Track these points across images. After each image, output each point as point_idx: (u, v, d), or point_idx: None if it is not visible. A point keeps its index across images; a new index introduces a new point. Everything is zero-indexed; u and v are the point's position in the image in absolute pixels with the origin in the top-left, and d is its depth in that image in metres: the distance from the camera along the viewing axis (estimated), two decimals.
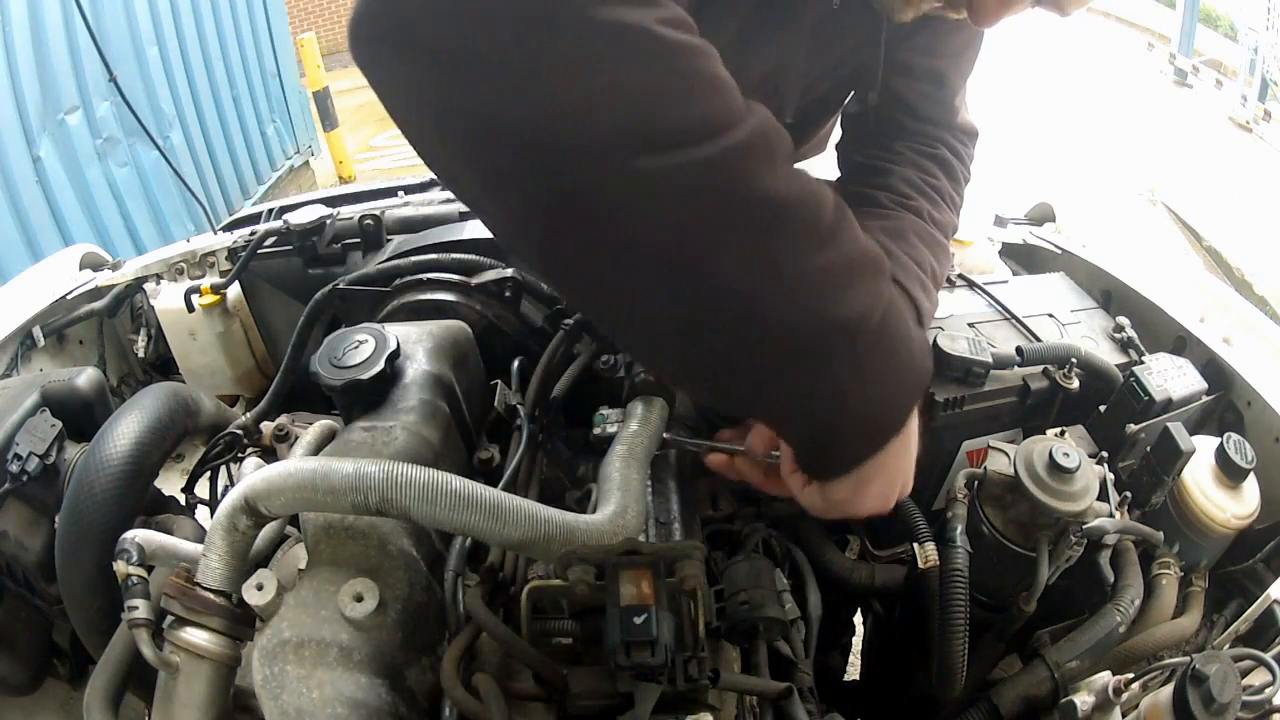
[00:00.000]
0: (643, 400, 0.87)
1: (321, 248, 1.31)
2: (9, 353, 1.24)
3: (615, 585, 0.64)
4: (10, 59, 3.37)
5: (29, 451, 0.84)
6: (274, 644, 0.64)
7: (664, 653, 0.60)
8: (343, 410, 0.90)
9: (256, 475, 0.67)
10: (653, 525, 0.82)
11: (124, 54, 4.10)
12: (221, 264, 1.43)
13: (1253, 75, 7.47)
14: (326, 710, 0.61)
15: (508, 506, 0.66)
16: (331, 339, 0.89)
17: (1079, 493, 0.79)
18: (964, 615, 0.80)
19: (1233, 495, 0.89)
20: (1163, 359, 0.99)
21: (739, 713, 0.75)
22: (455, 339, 0.98)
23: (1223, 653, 0.72)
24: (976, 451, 1.01)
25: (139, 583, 0.68)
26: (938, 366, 0.95)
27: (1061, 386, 0.96)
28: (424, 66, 0.50)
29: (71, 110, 3.76)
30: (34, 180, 3.54)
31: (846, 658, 1.25)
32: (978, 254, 1.30)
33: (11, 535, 0.85)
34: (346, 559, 0.71)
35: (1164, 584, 0.88)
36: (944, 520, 0.86)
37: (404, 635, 0.69)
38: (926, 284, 0.96)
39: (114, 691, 0.72)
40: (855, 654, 1.28)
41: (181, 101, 4.74)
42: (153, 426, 0.85)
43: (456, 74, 0.49)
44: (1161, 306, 1.15)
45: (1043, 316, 1.08)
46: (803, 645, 0.88)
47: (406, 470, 0.65)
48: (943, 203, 1.05)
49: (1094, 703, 0.75)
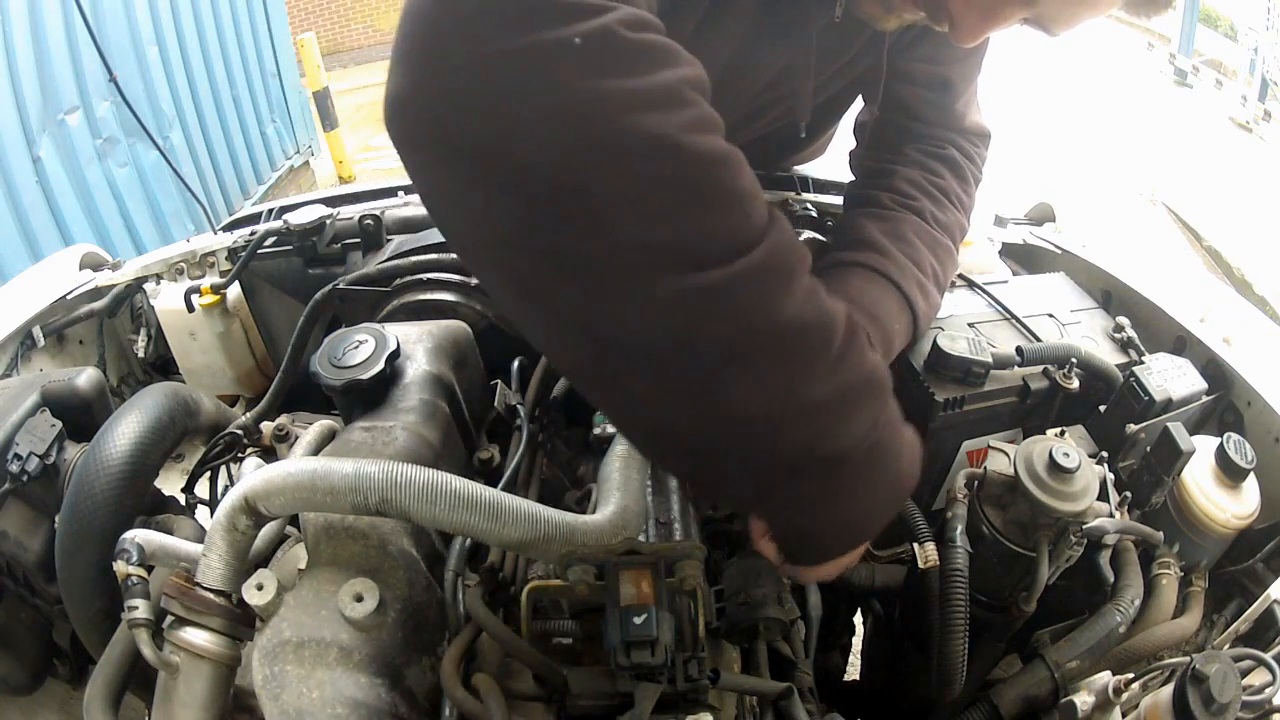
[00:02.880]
0: None
1: (321, 248, 1.31)
2: (9, 353, 1.24)
3: (615, 585, 0.64)
4: (10, 59, 3.37)
5: (29, 451, 0.84)
6: (274, 644, 0.64)
7: (664, 653, 0.60)
8: (343, 410, 0.90)
9: (256, 475, 0.67)
10: (653, 525, 0.82)
11: (124, 54, 4.10)
12: (221, 264, 1.43)
13: (1253, 75, 7.48)
14: (326, 710, 0.61)
15: (507, 507, 0.66)
16: (331, 339, 0.89)
17: (1079, 493, 0.79)
18: (964, 615, 0.80)
19: (1233, 495, 0.89)
20: (1163, 359, 0.99)
21: (739, 713, 0.75)
22: (455, 339, 0.98)
23: (1223, 653, 0.72)
24: (976, 451, 1.00)
25: (139, 583, 0.68)
26: (938, 366, 0.95)
27: (1061, 386, 0.96)
28: (460, 170, 0.50)
29: (71, 110, 3.76)
30: (34, 180, 3.54)
31: (846, 658, 1.25)
32: (978, 254, 1.30)
33: (11, 535, 0.85)
34: (346, 559, 0.71)
35: (1164, 584, 0.88)
36: (944, 520, 0.86)
37: (404, 635, 0.69)
38: (925, 285, 0.96)
39: (114, 691, 0.72)
40: (855, 654, 1.28)
41: (181, 101, 4.74)
42: (153, 426, 0.85)
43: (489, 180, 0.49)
44: (1161, 306, 1.15)
45: (1043, 316, 1.08)
46: (803, 645, 0.88)
47: (406, 470, 0.65)
48: (948, 202, 1.04)
49: (1094, 703, 0.75)
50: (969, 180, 1.10)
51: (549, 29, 0.46)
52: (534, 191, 0.48)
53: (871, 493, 0.64)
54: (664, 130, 0.48)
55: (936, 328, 1.00)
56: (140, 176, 4.29)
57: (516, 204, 0.49)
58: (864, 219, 1.00)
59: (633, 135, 0.47)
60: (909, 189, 1.03)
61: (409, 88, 0.50)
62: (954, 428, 0.98)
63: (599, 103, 0.47)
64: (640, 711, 0.59)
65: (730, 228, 0.51)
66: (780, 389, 0.54)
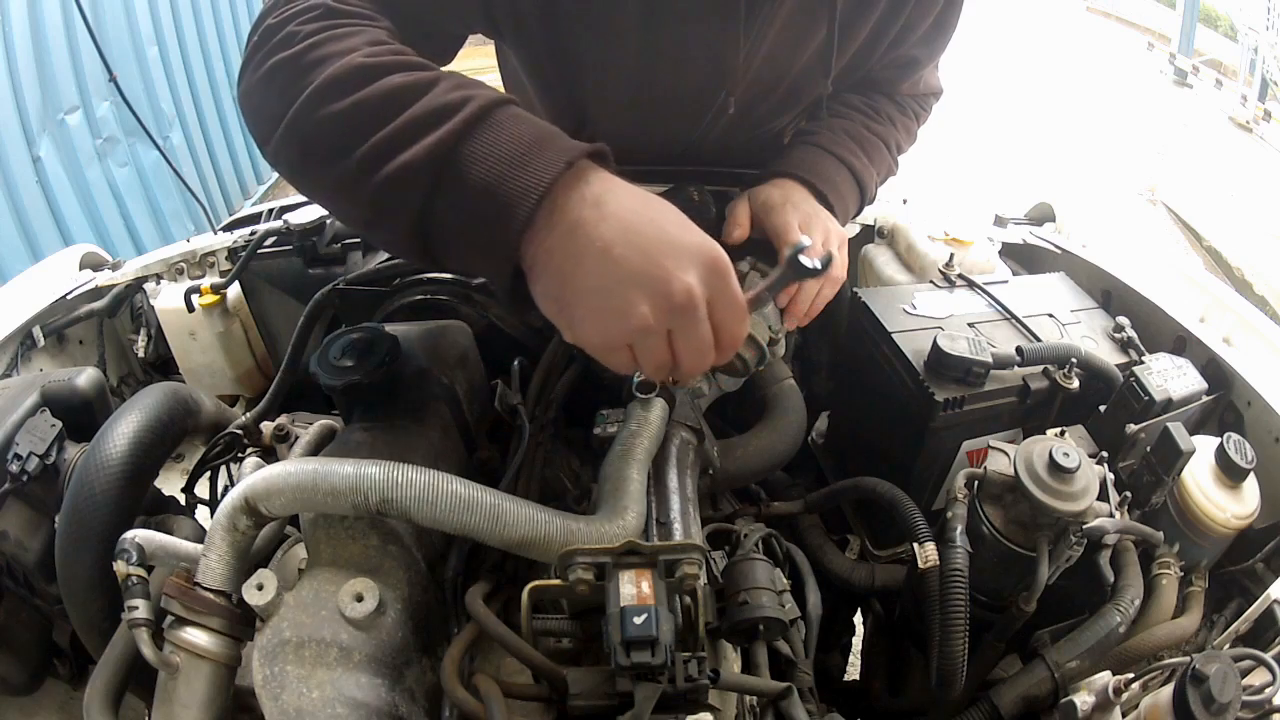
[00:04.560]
0: (643, 401, 0.87)
1: (321, 248, 1.31)
2: (9, 353, 1.24)
3: (615, 585, 0.64)
4: (10, 59, 3.37)
5: (29, 451, 0.84)
6: (274, 644, 0.64)
7: (664, 653, 0.60)
8: (343, 410, 0.90)
9: (256, 475, 0.67)
10: (653, 525, 0.82)
11: (124, 54, 4.10)
12: (221, 264, 1.43)
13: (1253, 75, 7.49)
14: (326, 710, 0.61)
15: (507, 508, 0.66)
16: (331, 339, 0.89)
17: (1079, 493, 0.79)
18: (964, 615, 0.80)
19: (1233, 495, 0.90)
20: (1163, 359, 0.99)
21: (739, 713, 0.75)
22: (455, 339, 0.98)
23: (1223, 653, 0.72)
24: (976, 451, 1.00)
25: (139, 583, 0.68)
26: (938, 366, 0.95)
27: (1061, 386, 0.96)
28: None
29: (71, 110, 3.76)
30: (34, 180, 3.54)
31: (846, 658, 1.25)
32: (978, 254, 1.30)
33: (11, 535, 0.85)
34: (346, 559, 0.71)
35: (1164, 584, 0.88)
36: (944, 520, 0.86)
37: (404, 635, 0.69)
38: (852, 147, 1.11)
39: (114, 691, 0.72)
40: (855, 654, 1.28)
41: (181, 101, 4.74)
42: (153, 426, 0.85)
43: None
44: (1161, 306, 1.15)
45: (1043, 316, 1.08)
46: (803, 645, 0.88)
47: (407, 471, 0.65)
48: (881, 117, 1.19)
49: (1094, 703, 0.75)
50: (909, 115, 1.24)
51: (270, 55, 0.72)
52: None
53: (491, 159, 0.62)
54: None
55: (936, 328, 1.00)
56: (140, 176, 4.29)
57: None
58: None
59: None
60: (842, 108, 1.18)
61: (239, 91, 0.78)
62: (954, 428, 0.98)
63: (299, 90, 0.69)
64: (640, 711, 0.59)
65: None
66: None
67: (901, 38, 1.09)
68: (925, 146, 1.40)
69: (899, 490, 0.97)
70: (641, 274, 0.59)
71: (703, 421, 0.93)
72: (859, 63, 1.12)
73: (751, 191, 1.06)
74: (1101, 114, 7.59)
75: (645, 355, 0.63)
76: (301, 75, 0.69)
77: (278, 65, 0.71)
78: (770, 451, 1.02)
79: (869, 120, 1.17)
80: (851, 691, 1.16)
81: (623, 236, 0.60)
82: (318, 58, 0.69)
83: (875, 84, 1.21)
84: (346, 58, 0.68)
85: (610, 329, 0.61)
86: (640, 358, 0.63)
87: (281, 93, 0.69)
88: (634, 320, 0.60)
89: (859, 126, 1.16)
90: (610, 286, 0.60)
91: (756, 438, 1.03)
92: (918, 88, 1.24)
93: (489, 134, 0.63)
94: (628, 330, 0.61)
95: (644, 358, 0.63)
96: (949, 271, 1.16)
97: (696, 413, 0.93)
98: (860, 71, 1.14)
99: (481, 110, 0.63)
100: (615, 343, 0.62)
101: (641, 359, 0.63)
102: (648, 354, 0.63)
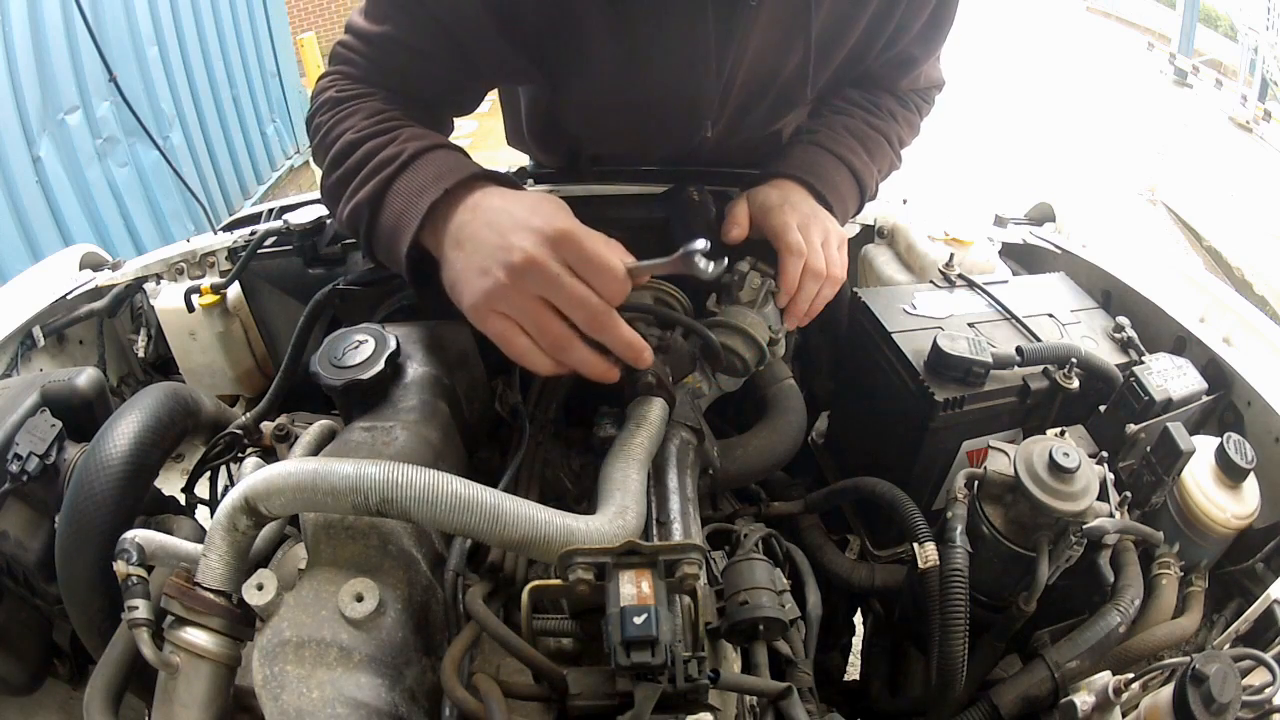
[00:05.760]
0: (643, 401, 0.87)
1: (321, 248, 1.31)
2: (9, 353, 1.24)
3: (615, 585, 0.64)
4: (10, 59, 3.37)
5: (29, 451, 0.84)
6: (274, 644, 0.64)
7: (664, 653, 0.60)
8: (343, 410, 0.90)
9: (256, 475, 0.67)
10: (653, 525, 0.82)
11: (124, 54, 4.11)
12: (221, 264, 1.43)
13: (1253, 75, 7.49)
14: (326, 710, 0.61)
15: (507, 508, 0.66)
16: (331, 339, 0.88)
17: (1079, 493, 0.79)
18: (964, 615, 0.80)
19: (1233, 495, 0.90)
20: (1163, 359, 0.99)
21: (739, 713, 0.75)
22: (455, 339, 0.98)
23: (1223, 653, 0.72)
24: (976, 451, 1.00)
25: (139, 583, 0.68)
26: (938, 366, 0.95)
27: (1061, 386, 0.96)
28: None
29: (71, 110, 3.77)
30: (34, 180, 3.55)
31: (846, 658, 1.25)
32: (978, 254, 1.30)
33: (11, 535, 0.85)
34: (346, 559, 0.71)
35: (1164, 584, 0.88)
36: (944, 520, 0.86)
37: (404, 635, 0.69)
38: (856, 148, 1.13)
39: (114, 691, 0.72)
40: (855, 654, 1.28)
41: (181, 101, 4.75)
42: (153, 426, 0.85)
43: None
44: (1161, 306, 1.15)
45: (1043, 316, 1.08)
46: (803, 645, 0.88)
47: (407, 471, 0.65)
48: (879, 110, 1.20)
49: (1094, 703, 0.75)
50: (911, 108, 1.25)
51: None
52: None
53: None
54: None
55: (936, 328, 1.00)
56: (140, 176, 4.29)
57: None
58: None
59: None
60: (842, 104, 1.20)
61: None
62: (954, 428, 0.98)
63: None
64: (640, 711, 0.59)
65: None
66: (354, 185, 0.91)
67: (896, 39, 1.10)
68: (925, 146, 1.40)
69: (899, 490, 0.97)
70: (494, 248, 0.76)
71: (703, 421, 0.93)
72: (853, 65, 1.12)
73: (750, 192, 1.07)
74: (1101, 114, 7.59)
75: (529, 322, 0.77)
76: (321, 155, 0.98)
77: (313, 151, 1.02)
78: (770, 451, 1.02)
79: (870, 115, 1.18)
80: (851, 691, 1.16)
81: (485, 226, 0.79)
82: (328, 143, 0.96)
83: (875, 79, 1.21)
84: (342, 138, 0.93)
85: (477, 295, 0.77)
86: (527, 327, 0.77)
87: (319, 163, 1.00)
88: (489, 283, 0.76)
89: (859, 123, 1.16)
90: (475, 263, 0.78)
91: (756, 438, 1.03)
92: (918, 82, 1.25)
93: (408, 174, 0.86)
94: (489, 293, 0.76)
95: (530, 325, 0.77)
96: (949, 271, 1.16)
97: (696, 413, 0.93)
98: (857, 70, 1.15)
99: (409, 158, 0.86)
100: (483, 307, 0.77)
101: (529, 327, 0.77)
102: (530, 319, 0.76)
